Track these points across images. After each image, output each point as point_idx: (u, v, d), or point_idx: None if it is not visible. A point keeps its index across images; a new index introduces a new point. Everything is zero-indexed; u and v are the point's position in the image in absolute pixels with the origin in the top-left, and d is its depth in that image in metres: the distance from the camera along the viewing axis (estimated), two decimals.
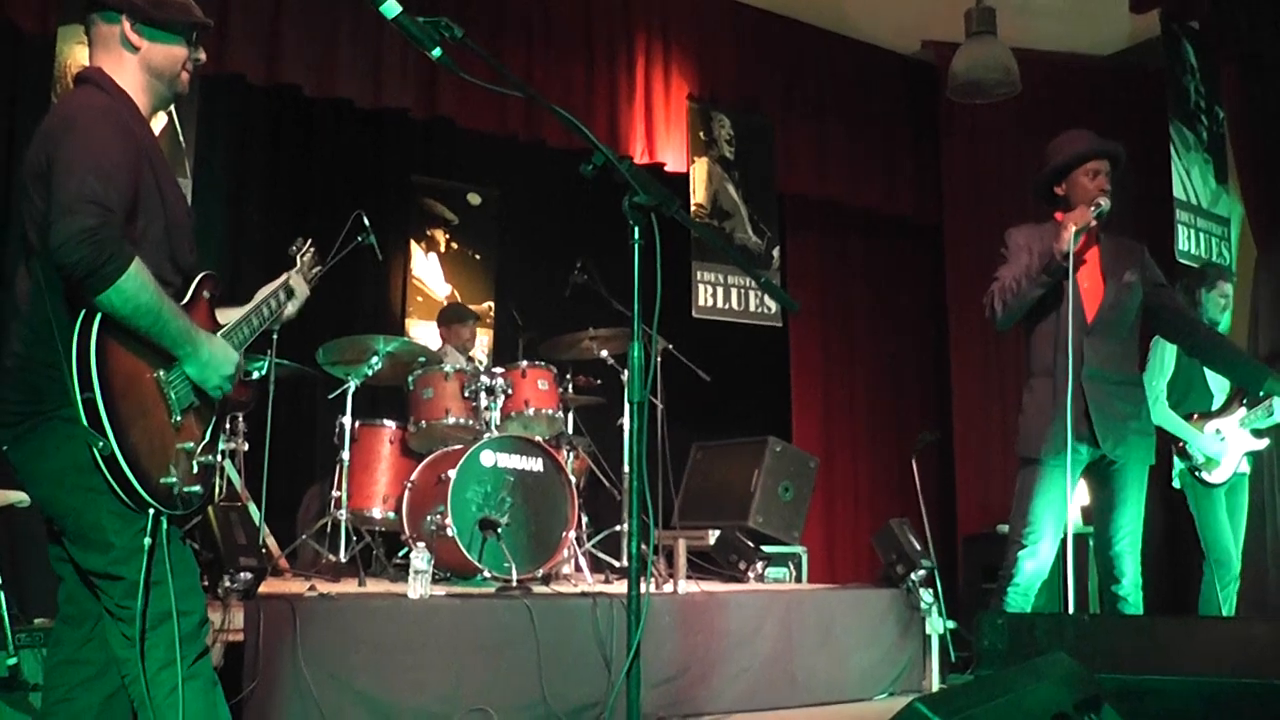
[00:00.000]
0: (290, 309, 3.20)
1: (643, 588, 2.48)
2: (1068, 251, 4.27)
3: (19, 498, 3.93)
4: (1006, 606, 4.39)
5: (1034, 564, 4.45)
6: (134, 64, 2.74)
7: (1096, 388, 4.40)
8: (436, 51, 2.43)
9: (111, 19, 2.73)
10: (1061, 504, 4.43)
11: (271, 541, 5.99)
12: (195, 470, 2.66)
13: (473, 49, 2.47)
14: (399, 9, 2.43)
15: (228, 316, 2.94)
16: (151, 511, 2.52)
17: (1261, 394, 5.43)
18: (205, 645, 2.67)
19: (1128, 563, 4.47)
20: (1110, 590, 4.49)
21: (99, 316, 2.46)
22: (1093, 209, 4.38)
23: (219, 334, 2.81)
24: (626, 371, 6.49)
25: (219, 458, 5.80)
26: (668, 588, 5.66)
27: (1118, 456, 4.44)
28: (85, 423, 2.41)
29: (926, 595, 5.82)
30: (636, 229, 2.53)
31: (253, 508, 5.73)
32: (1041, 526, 4.45)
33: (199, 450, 2.68)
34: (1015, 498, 4.55)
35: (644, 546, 5.87)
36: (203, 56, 2.86)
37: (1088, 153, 4.54)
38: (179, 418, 2.63)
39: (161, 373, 2.60)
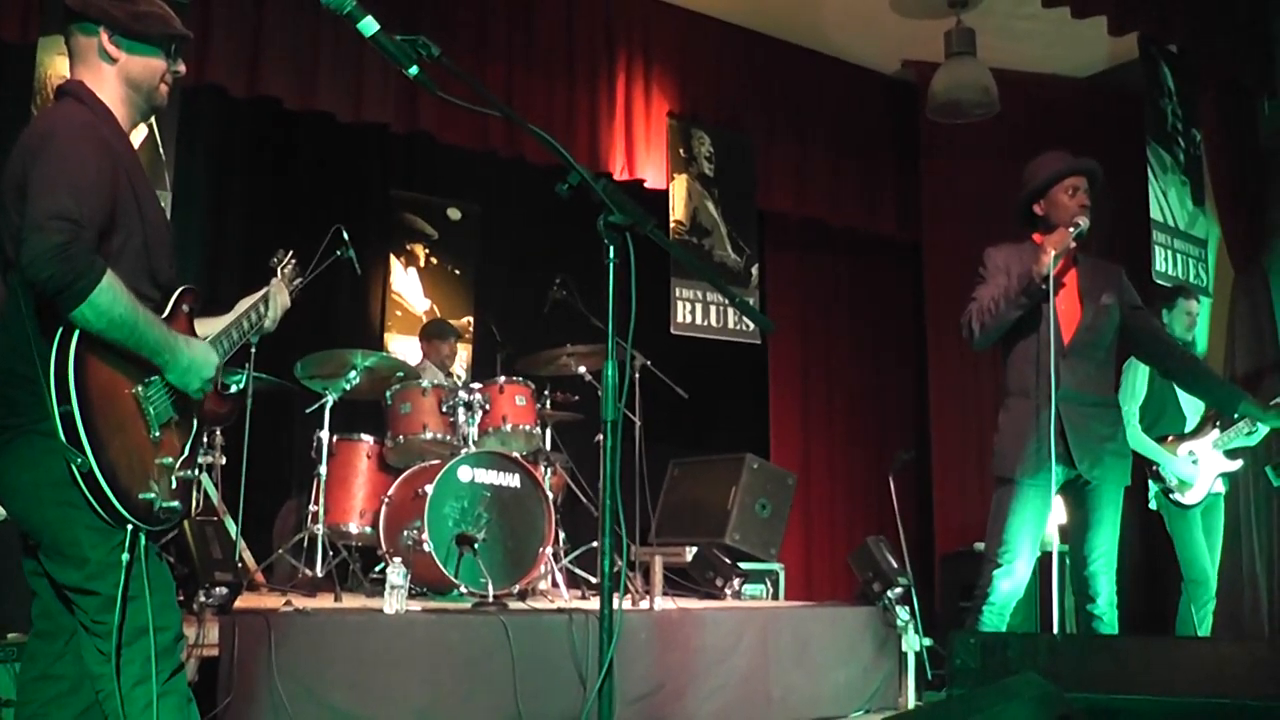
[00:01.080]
0: (269, 321, 3.19)
1: (615, 603, 2.46)
2: (1047, 274, 4.29)
3: None
4: (982, 626, 4.37)
5: (1010, 584, 4.45)
6: (112, 76, 2.74)
7: (1073, 409, 4.39)
8: (414, 70, 2.44)
9: (90, 31, 2.72)
10: (1038, 524, 4.45)
11: (248, 556, 5.96)
12: (174, 485, 2.65)
13: (449, 68, 2.47)
14: (376, 27, 2.44)
15: (208, 328, 2.94)
16: (129, 527, 2.51)
17: (1236, 416, 5.46)
18: (180, 661, 2.66)
19: (1102, 582, 4.46)
20: (1086, 610, 4.48)
21: (77, 331, 2.46)
22: (1072, 230, 4.38)
23: None
24: (624, 393, 6.51)
25: (197, 472, 5.82)
26: (644, 604, 5.66)
27: (1094, 478, 4.45)
28: (63, 438, 2.41)
29: (903, 613, 5.82)
30: (612, 248, 2.54)
31: (229, 522, 5.72)
32: (1017, 546, 4.44)
33: (178, 465, 2.67)
34: (991, 517, 4.54)
35: (618, 561, 5.89)
36: (182, 69, 2.86)
37: (1066, 170, 4.55)
38: (158, 433, 2.62)
39: (140, 388, 2.60)
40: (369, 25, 2.43)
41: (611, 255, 2.53)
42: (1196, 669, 2.53)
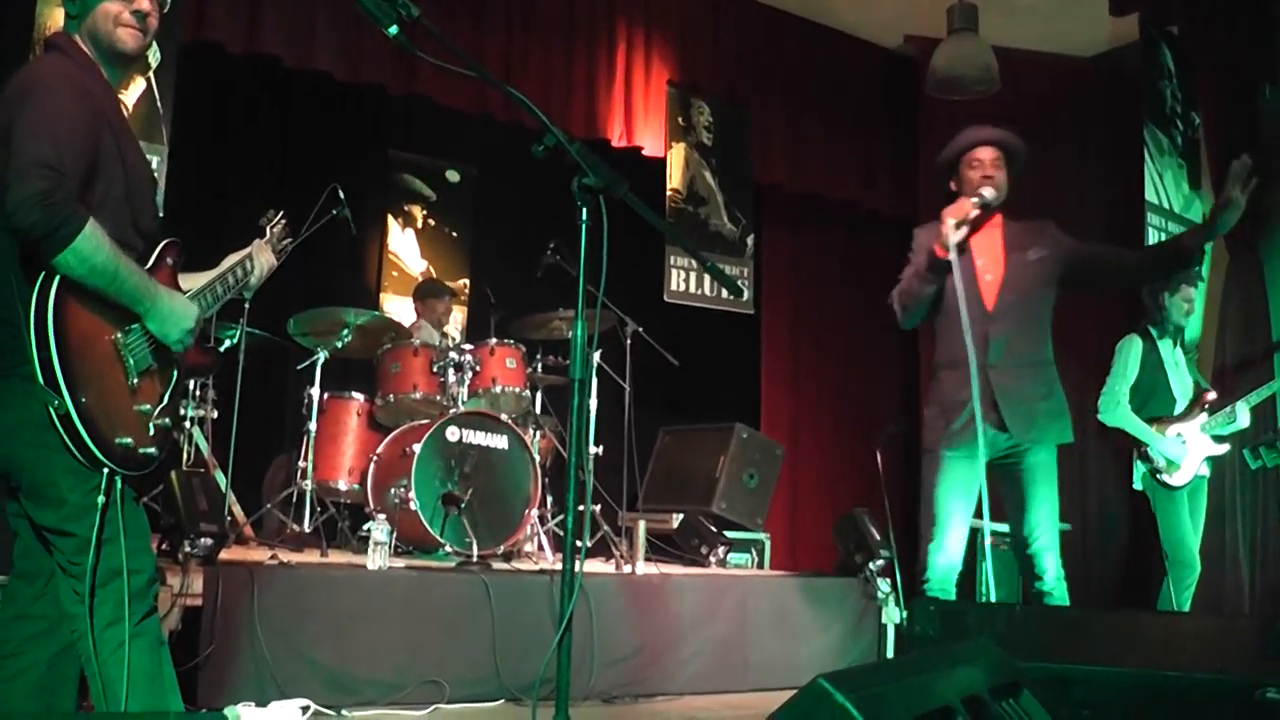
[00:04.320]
0: (254, 279, 3.22)
1: (578, 565, 2.51)
2: (948, 245, 4.16)
3: None
4: None
5: (944, 558, 4.32)
6: (83, 34, 2.78)
7: (1002, 373, 4.26)
8: (393, 29, 2.47)
9: None
10: (968, 496, 4.33)
11: (237, 509, 6.03)
12: (152, 432, 2.70)
13: (428, 28, 2.50)
14: None
15: (192, 283, 2.98)
16: (105, 470, 2.56)
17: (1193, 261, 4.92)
18: (153, 605, 2.71)
19: (1048, 559, 4.35)
20: (1035, 588, 4.38)
21: (58, 278, 2.50)
22: (974, 199, 4.25)
23: None
24: (597, 354, 6.55)
25: (187, 423, 5.87)
26: (626, 569, 5.71)
27: (1031, 440, 4.32)
28: (41, 381, 2.45)
29: (884, 585, 5.88)
30: (585, 210, 2.57)
31: (220, 475, 5.77)
32: (948, 520, 4.33)
33: (156, 413, 2.71)
34: (921, 492, 4.43)
35: (604, 525, 5.93)
36: (143, 5, 2.80)
37: (967, 144, 4.45)
38: (136, 380, 2.66)
39: (119, 335, 2.64)
40: None
41: (584, 217, 2.56)
42: (1151, 642, 2.57)
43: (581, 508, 6.50)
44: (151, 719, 2.39)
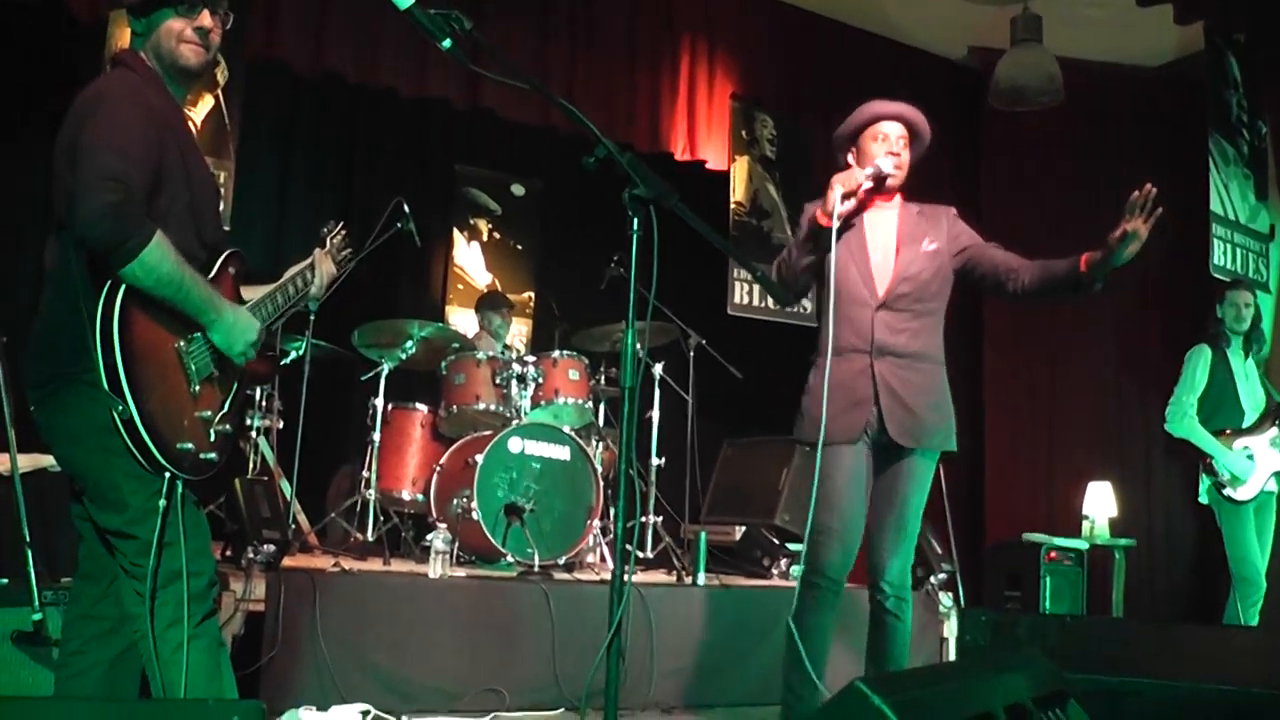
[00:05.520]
0: (315, 289, 3.28)
1: (627, 571, 2.54)
2: (832, 212, 3.78)
3: (50, 461, 4.05)
4: (820, 605, 3.86)
5: (842, 555, 3.87)
6: (147, 49, 2.86)
7: (887, 366, 3.90)
8: (447, 43, 2.50)
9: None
10: (859, 487, 3.92)
11: (302, 518, 6.11)
12: (213, 438, 2.76)
13: (480, 42, 2.54)
14: (412, 0, 2.51)
15: (253, 294, 3.04)
16: (167, 475, 2.62)
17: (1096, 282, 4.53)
18: (213, 607, 2.78)
19: (896, 567, 3.98)
20: (875, 599, 3.98)
21: (123, 286, 2.57)
22: (868, 170, 3.91)
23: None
24: (659, 365, 6.58)
25: (253, 432, 5.97)
26: (687, 580, 5.72)
27: (907, 441, 3.92)
28: (106, 386, 2.52)
29: (945, 599, 5.84)
30: (635, 220, 2.60)
31: (285, 484, 5.86)
32: (845, 511, 3.88)
33: (216, 419, 2.78)
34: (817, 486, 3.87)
35: (666, 537, 5.93)
36: (205, 22, 2.86)
37: (871, 116, 4.11)
38: (198, 387, 2.73)
39: (182, 343, 2.71)
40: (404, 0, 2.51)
41: (635, 227, 2.58)
42: (1204, 656, 2.53)
43: (631, 522, 6.53)
44: (174, 705, 2.42)
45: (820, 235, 3.85)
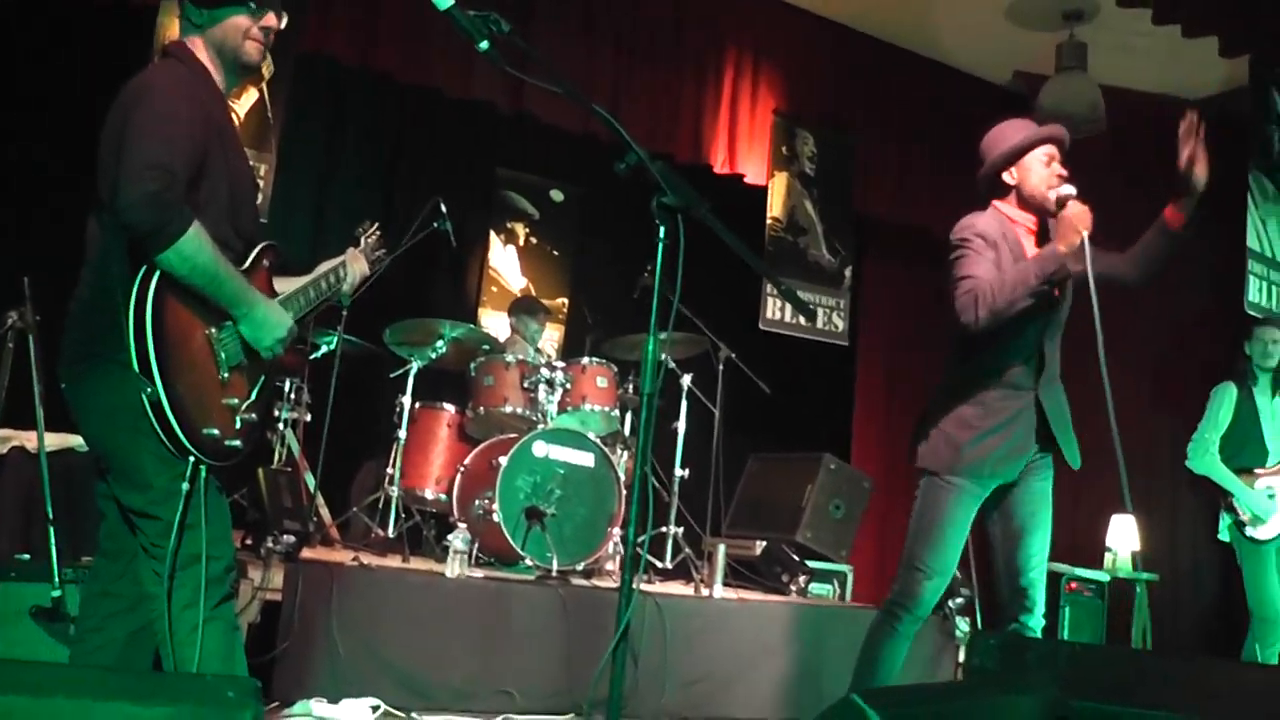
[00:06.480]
0: (346, 286, 3.32)
1: (635, 579, 2.55)
2: (1088, 261, 3.70)
3: (78, 441, 4.11)
4: (902, 637, 3.97)
5: (934, 596, 3.95)
6: (200, 43, 2.90)
7: (1050, 396, 3.92)
8: (484, 44, 2.53)
9: (181, 2, 2.90)
10: (966, 531, 3.96)
11: (325, 511, 6.15)
12: (239, 425, 2.79)
13: (519, 45, 2.57)
14: (452, 1, 2.54)
15: (285, 286, 3.08)
16: (191, 459, 2.66)
17: None
18: (229, 591, 2.81)
19: (1040, 591, 3.93)
20: (1021, 621, 3.89)
21: (158, 272, 2.61)
22: (1073, 201, 3.85)
23: (275, 300, 2.95)
24: (687, 377, 6.59)
25: (280, 424, 6.02)
26: (705, 592, 5.72)
27: (1065, 458, 3.97)
28: (136, 368, 2.56)
29: (962, 623, 5.81)
30: (663, 228, 2.62)
31: (309, 476, 5.90)
32: (952, 555, 3.95)
33: (243, 407, 2.81)
34: (917, 517, 3.99)
35: (686, 549, 5.94)
36: (271, 22, 2.93)
37: (1042, 138, 4.03)
38: (227, 374, 2.76)
39: (214, 330, 2.74)
40: (443, 0, 2.54)
41: (662, 235, 2.60)
42: (1217, 691, 2.52)
43: (642, 537, 6.51)
44: (171, 677, 2.44)
45: (1062, 276, 3.79)
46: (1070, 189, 3.91)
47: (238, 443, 2.79)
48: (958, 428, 3.93)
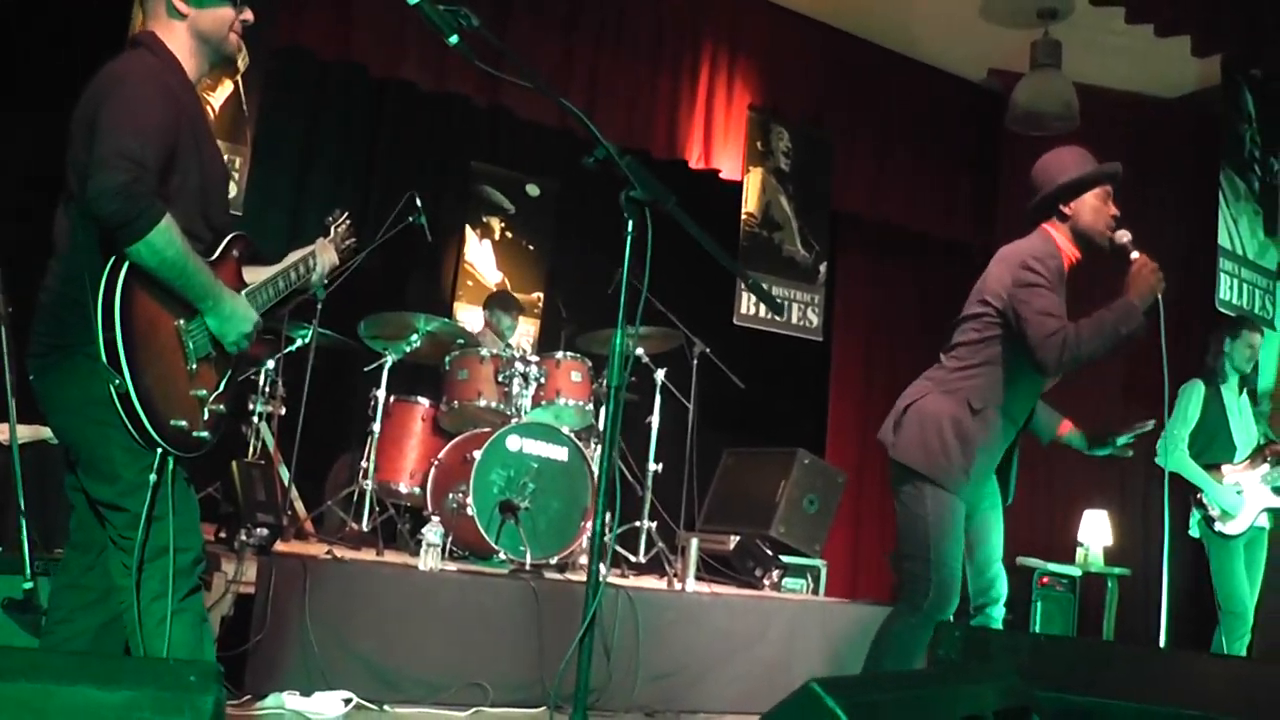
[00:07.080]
0: (316, 276, 3.31)
1: (604, 568, 2.56)
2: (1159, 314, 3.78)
3: (50, 434, 4.09)
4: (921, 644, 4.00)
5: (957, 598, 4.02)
6: (182, 30, 2.90)
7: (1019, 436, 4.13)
8: (454, 39, 2.54)
9: None
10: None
11: (299, 504, 6.15)
12: (206, 416, 2.80)
13: (487, 38, 2.58)
14: None
15: (255, 276, 3.08)
16: (160, 450, 2.66)
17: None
18: (197, 583, 2.80)
19: (1004, 583, 4.13)
20: (986, 613, 4.08)
21: (127, 263, 2.61)
22: (1131, 248, 3.87)
23: (243, 292, 2.95)
24: (661, 371, 6.60)
25: (255, 417, 6.00)
26: (678, 586, 5.74)
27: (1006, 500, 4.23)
28: (104, 360, 2.56)
29: None
30: (631, 222, 2.63)
31: (284, 469, 5.90)
32: (958, 557, 4.02)
33: (211, 398, 2.81)
34: (938, 522, 4.00)
35: (659, 542, 5.95)
36: (249, 16, 2.97)
37: (1103, 174, 4.02)
38: (194, 365, 2.76)
39: (182, 321, 2.74)
40: None
41: (630, 229, 2.61)
42: (1181, 681, 2.55)
43: (611, 533, 6.54)
44: (133, 661, 2.44)
45: (1139, 332, 3.82)
46: (1128, 235, 3.91)
47: (206, 434, 2.79)
48: (963, 442, 3.98)
